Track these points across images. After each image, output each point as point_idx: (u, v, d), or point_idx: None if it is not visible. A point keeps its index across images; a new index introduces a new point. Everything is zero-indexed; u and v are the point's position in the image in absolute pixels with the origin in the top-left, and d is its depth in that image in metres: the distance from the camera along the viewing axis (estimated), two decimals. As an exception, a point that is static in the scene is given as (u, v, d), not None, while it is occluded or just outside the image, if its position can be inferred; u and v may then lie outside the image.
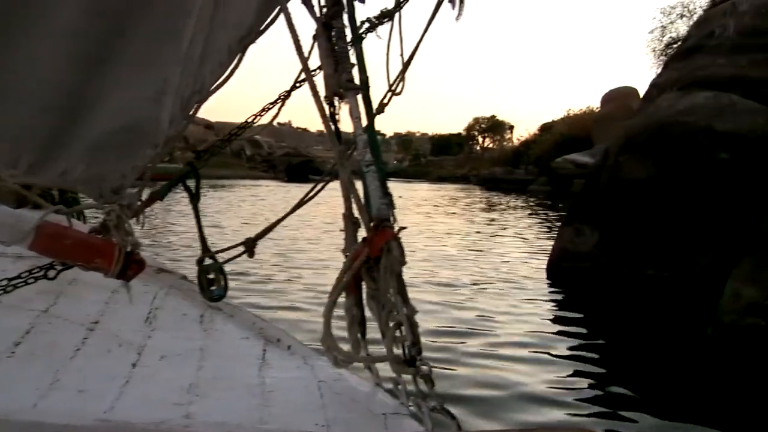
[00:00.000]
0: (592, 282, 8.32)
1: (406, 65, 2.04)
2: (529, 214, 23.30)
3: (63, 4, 1.42)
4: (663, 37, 31.73)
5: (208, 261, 2.51)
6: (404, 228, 1.62)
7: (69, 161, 1.64)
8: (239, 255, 2.51)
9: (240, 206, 22.81)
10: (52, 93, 1.52)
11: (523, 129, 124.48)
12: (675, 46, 30.62)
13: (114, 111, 1.61)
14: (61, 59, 1.48)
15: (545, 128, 57.58)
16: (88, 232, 1.68)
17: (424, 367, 1.49)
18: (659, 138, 8.50)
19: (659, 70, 31.70)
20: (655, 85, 10.69)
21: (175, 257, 9.53)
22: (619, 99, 44.54)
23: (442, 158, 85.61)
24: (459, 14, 1.92)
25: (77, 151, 1.64)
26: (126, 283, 1.65)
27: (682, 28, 30.92)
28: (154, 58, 1.58)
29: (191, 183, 2.50)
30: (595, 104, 51.95)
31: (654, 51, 32.33)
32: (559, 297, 8.37)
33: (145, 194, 2.08)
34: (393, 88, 2.08)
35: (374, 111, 1.75)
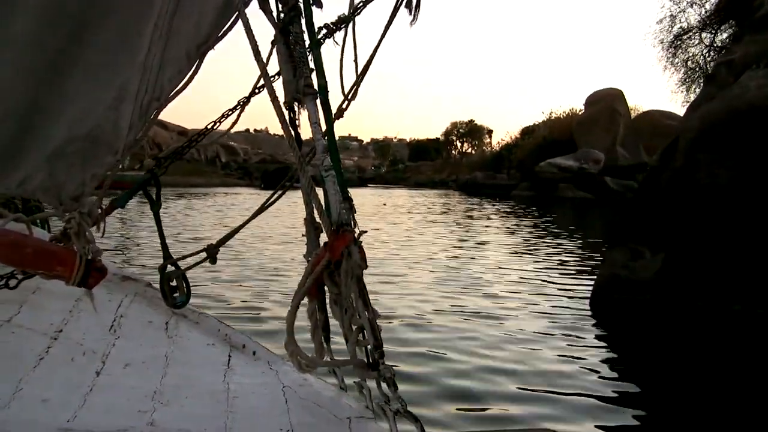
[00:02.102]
0: (654, 319, 6.35)
1: (364, 70, 2.06)
2: (535, 225, 20.14)
3: (18, 14, 1.41)
4: (672, 27, 30.72)
5: (170, 268, 2.51)
6: (365, 232, 1.63)
7: (28, 170, 1.64)
8: (201, 261, 2.50)
9: (208, 214, 21.89)
10: (10, 102, 1.52)
11: (504, 132, 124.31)
12: (685, 37, 29.89)
13: (72, 119, 1.61)
14: (18, 69, 1.48)
15: (527, 132, 57.54)
16: (49, 240, 1.67)
17: (387, 371, 1.50)
18: (751, 127, 6.23)
19: (668, 64, 30.79)
20: (725, 64, 8.20)
21: (143, 264, 9.39)
22: (603, 100, 44.35)
23: (420, 164, 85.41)
24: (414, 19, 1.95)
25: (36, 160, 1.63)
26: (89, 291, 1.64)
27: (693, 17, 29.92)
28: (111, 67, 1.58)
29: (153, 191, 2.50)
30: (578, 106, 52.04)
31: (662, 42, 31.27)
32: (610, 339, 6.18)
33: (107, 202, 2.07)
34: (349, 93, 2.10)
35: (333, 116, 1.76)
